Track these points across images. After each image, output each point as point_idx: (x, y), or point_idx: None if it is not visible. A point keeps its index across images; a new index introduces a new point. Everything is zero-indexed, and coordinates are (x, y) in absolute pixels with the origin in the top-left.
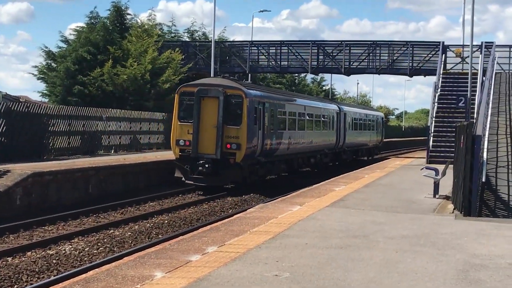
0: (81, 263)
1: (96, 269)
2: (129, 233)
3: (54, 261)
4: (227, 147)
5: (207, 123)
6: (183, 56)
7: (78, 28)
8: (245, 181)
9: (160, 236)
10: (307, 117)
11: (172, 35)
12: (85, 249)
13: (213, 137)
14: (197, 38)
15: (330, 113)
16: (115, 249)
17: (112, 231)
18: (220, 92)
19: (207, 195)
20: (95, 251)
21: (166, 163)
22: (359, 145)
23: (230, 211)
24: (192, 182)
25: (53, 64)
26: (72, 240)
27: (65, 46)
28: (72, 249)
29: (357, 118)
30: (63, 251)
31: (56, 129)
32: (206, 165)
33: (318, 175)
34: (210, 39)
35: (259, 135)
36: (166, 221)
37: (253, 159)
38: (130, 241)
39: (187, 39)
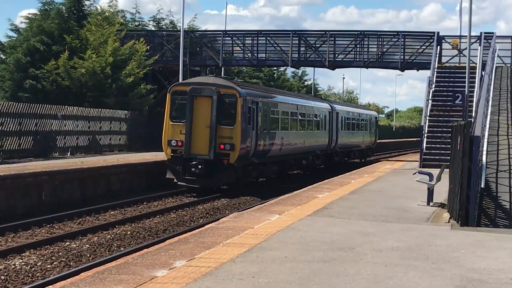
0: (33, 279)
1: (50, 286)
2: (87, 245)
3: (3, 277)
4: (221, 147)
5: (200, 123)
6: (148, 47)
7: (30, 16)
8: (238, 183)
9: (122, 248)
10: (300, 117)
11: (136, 23)
12: (38, 264)
13: (206, 137)
14: (164, 27)
15: (322, 112)
16: (71, 264)
17: (68, 243)
18: (214, 91)
19: (174, 204)
20: (48, 266)
21: (129, 166)
22: (351, 146)
23: (201, 221)
24: (184, 184)
25: (1, 55)
26: (23, 254)
27: (15, 35)
28: (23, 263)
29: (350, 118)
30: (13, 266)
31: (5, 129)
32: (199, 166)
33: (310, 178)
34: (178, 28)
35: (252, 136)
36: (128, 232)
37: (246, 160)
38: (88, 255)
39: (153, 28)
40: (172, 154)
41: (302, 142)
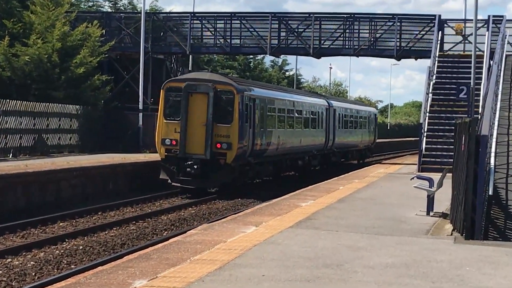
0: None
1: None
2: (32, 262)
3: None
4: (217, 146)
5: (195, 121)
6: (104, 31)
7: None
8: (235, 184)
9: (72, 266)
10: (296, 114)
11: (90, 4)
12: None
13: (202, 136)
14: (122, 8)
15: (319, 109)
16: (13, 284)
17: (9, 260)
18: (210, 88)
19: (133, 214)
20: None
21: (81, 170)
22: (349, 146)
23: (165, 234)
24: (178, 184)
25: None
26: None
27: None
28: None
29: (348, 115)
30: None
31: None
32: (195, 166)
33: (305, 180)
34: (139, 10)
35: (249, 134)
36: (81, 247)
37: (243, 159)
38: (33, 273)
39: (109, 10)
40: (166, 153)
41: (299, 141)
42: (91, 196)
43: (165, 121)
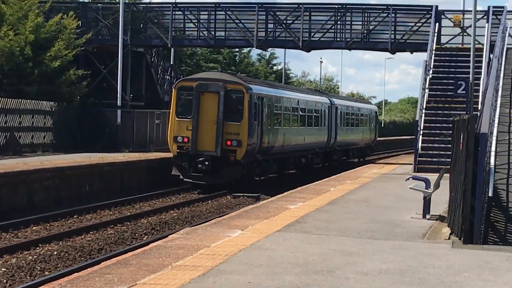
0: None
1: None
2: (3, 269)
3: None
4: (228, 143)
5: (206, 119)
6: (80, 23)
7: None
8: (244, 180)
9: (46, 273)
10: (300, 112)
11: None
12: None
13: (213, 133)
14: None
15: (321, 107)
16: None
17: None
18: (221, 87)
19: (111, 217)
20: None
21: (56, 171)
22: (350, 144)
23: (145, 238)
24: (190, 180)
25: None
26: None
27: None
28: None
29: (349, 113)
30: None
31: None
32: (206, 163)
33: (307, 178)
34: (117, 0)
35: (258, 132)
36: (55, 252)
37: (252, 156)
38: (4, 281)
39: (86, 0)
40: (178, 150)
41: (303, 139)
42: (66, 199)
43: (177, 119)
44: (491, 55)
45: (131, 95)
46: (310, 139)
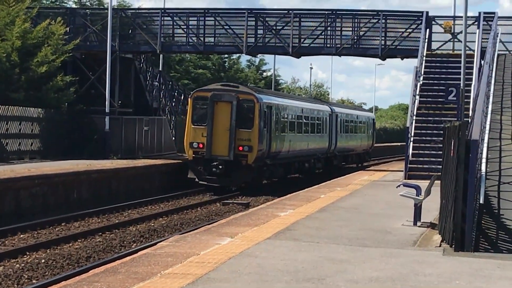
0: None
1: None
2: None
3: None
4: (240, 149)
5: (220, 126)
6: (68, 29)
7: None
8: (254, 182)
9: (34, 281)
10: (304, 120)
11: None
12: None
13: (226, 139)
14: (88, 4)
15: (323, 115)
16: None
17: None
18: (233, 97)
19: (99, 224)
20: None
21: (43, 178)
22: (349, 150)
23: (133, 246)
24: (205, 183)
25: None
26: None
27: None
28: None
29: (348, 120)
30: None
31: None
32: (220, 166)
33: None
34: (106, 6)
35: (267, 138)
36: (43, 260)
37: (261, 161)
38: None
39: (74, 5)
40: (193, 155)
41: (306, 145)
42: (54, 206)
43: (193, 126)
44: (482, 61)
45: (120, 102)
46: (313, 145)
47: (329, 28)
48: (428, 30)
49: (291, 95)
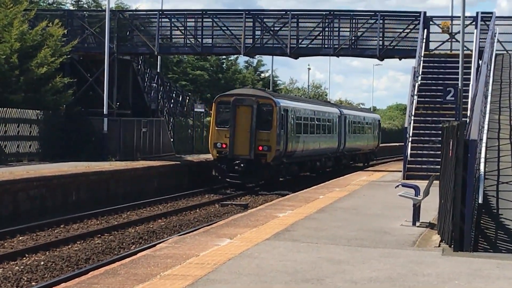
0: None
1: None
2: None
3: None
4: (259, 149)
5: (242, 128)
6: (66, 31)
7: None
8: (273, 179)
9: (33, 283)
10: (316, 122)
11: (50, 1)
12: None
13: (247, 140)
14: (85, 6)
15: (333, 117)
16: None
17: None
18: (254, 102)
19: (98, 226)
20: None
21: (41, 180)
22: (357, 149)
23: (132, 247)
24: (228, 180)
25: None
26: None
27: None
28: None
29: (356, 122)
30: None
31: None
32: (241, 165)
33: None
34: (103, 8)
35: (284, 139)
36: (42, 262)
37: (279, 160)
38: None
39: (71, 8)
40: (217, 155)
41: (318, 145)
42: (52, 208)
43: (216, 128)
44: (480, 61)
45: (118, 103)
46: (324, 145)
47: (326, 29)
48: (426, 30)
49: (304, 99)
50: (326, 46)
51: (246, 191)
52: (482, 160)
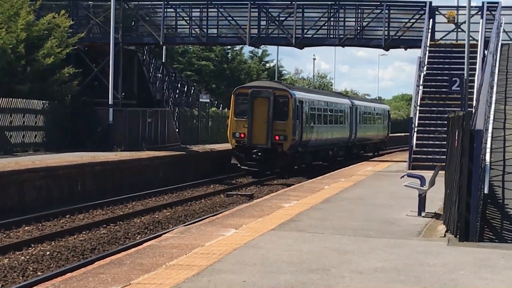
0: None
1: None
2: None
3: None
4: (276, 138)
5: (259, 118)
6: (71, 21)
7: None
8: (289, 167)
9: (39, 273)
10: (329, 112)
11: None
12: None
13: (264, 130)
14: None
15: (345, 108)
16: None
17: None
18: (270, 93)
19: (104, 216)
20: None
21: (47, 171)
22: (367, 139)
23: (138, 237)
24: (246, 168)
25: None
26: None
27: None
28: None
29: (367, 112)
30: None
31: None
32: (259, 153)
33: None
34: None
35: (299, 129)
36: (48, 252)
37: (294, 148)
38: None
39: None
40: (236, 144)
41: (331, 135)
42: (58, 198)
43: (235, 119)
44: (486, 51)
45: (123, 94)
46: (336, 135)
47: (332, 19)
48: (431, 20)
49: (318, 90)
50: (331, 36)
51: (265, 177)
52: (488, 150)
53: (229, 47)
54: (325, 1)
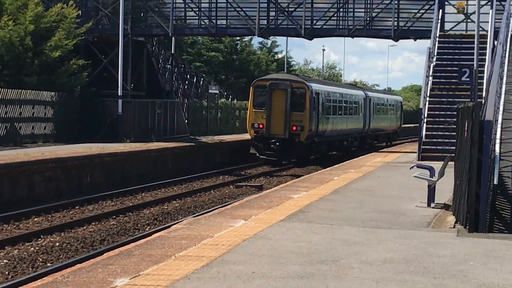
0: None
1: None
2: (4, 261)
3: None
4: (293, 129)
5: (277, 109)
6: (80, 12)
7: None
8: (305, 157)
9: (48, 264)
10: (344, 104)
11: None
12: None
13: (282, 121)
14: None
15: (359, 99)
16: None
17: None
18: (288, 85)
19: (113, 207)
20: None
21: (57, 161)
22: (381, 130)
23: (147, 229)
24: (265, 157)
25: None
26: None
27: None
28: None
29: (380, 103)
30: None
31: None
32: (277, 143)
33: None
34: None
35: (315, 120)
36: (57, 244)
37: (311, 139)
38: (6, 272)
39: None
40: (254, 134)
41: (345, 126)
42: (67, 190)
43: (254, 110)
44: (496, 42)
45: (132, 85)
46: (351, 125)
47: (341, 10)
48: (441, 10)
49: (333, 82)
50: (340, 27)
51: (282, 166)
52: (498, 141)
53: (238, 38)
54: None
